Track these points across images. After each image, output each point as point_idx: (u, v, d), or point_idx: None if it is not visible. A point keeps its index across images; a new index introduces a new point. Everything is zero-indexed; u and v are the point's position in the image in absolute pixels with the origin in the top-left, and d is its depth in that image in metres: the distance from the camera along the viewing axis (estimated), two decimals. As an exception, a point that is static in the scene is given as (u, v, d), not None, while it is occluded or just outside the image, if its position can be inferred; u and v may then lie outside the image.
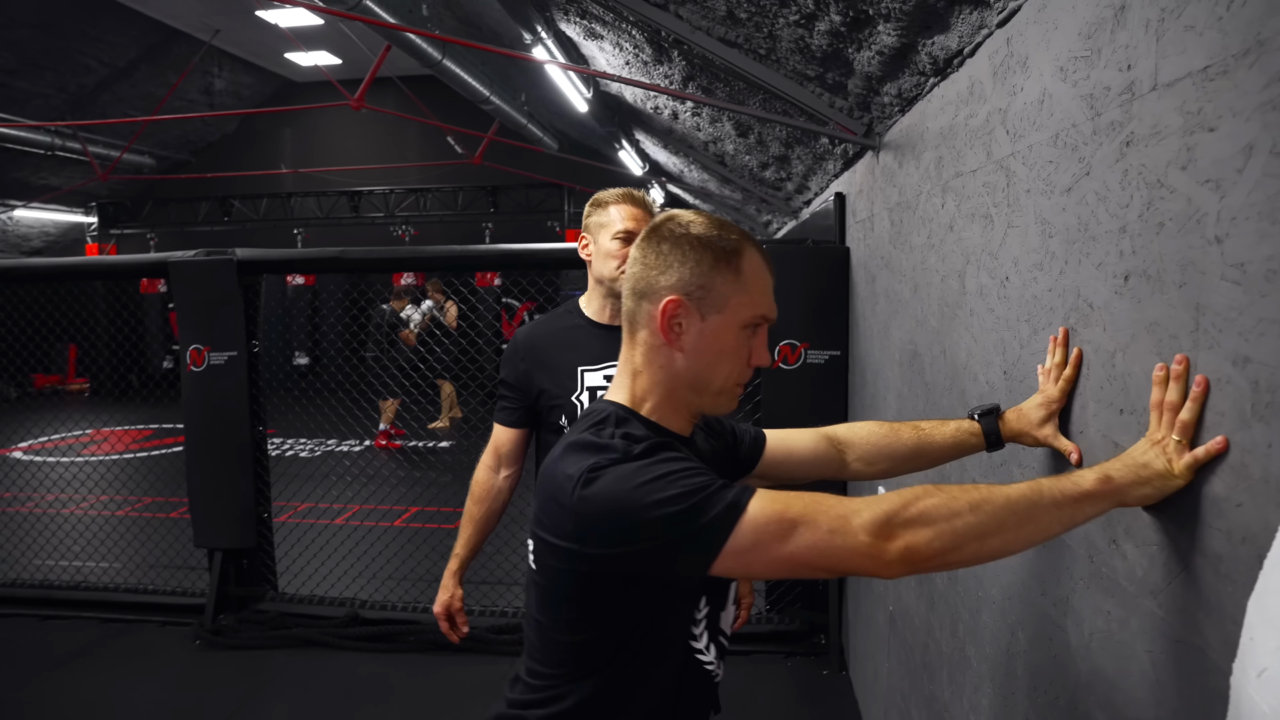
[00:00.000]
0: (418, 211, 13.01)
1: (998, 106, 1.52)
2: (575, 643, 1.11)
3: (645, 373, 1.17)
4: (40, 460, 8.25)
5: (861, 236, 3.14)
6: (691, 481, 1.00)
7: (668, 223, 1.17)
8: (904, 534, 0.95)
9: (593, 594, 1.08)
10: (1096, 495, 0.95)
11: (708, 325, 1.13)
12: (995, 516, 0.95)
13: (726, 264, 1.12)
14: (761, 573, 1.03)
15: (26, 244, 13.11)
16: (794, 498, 1.00)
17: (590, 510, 1.01)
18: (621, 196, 2.12)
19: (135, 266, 4.12)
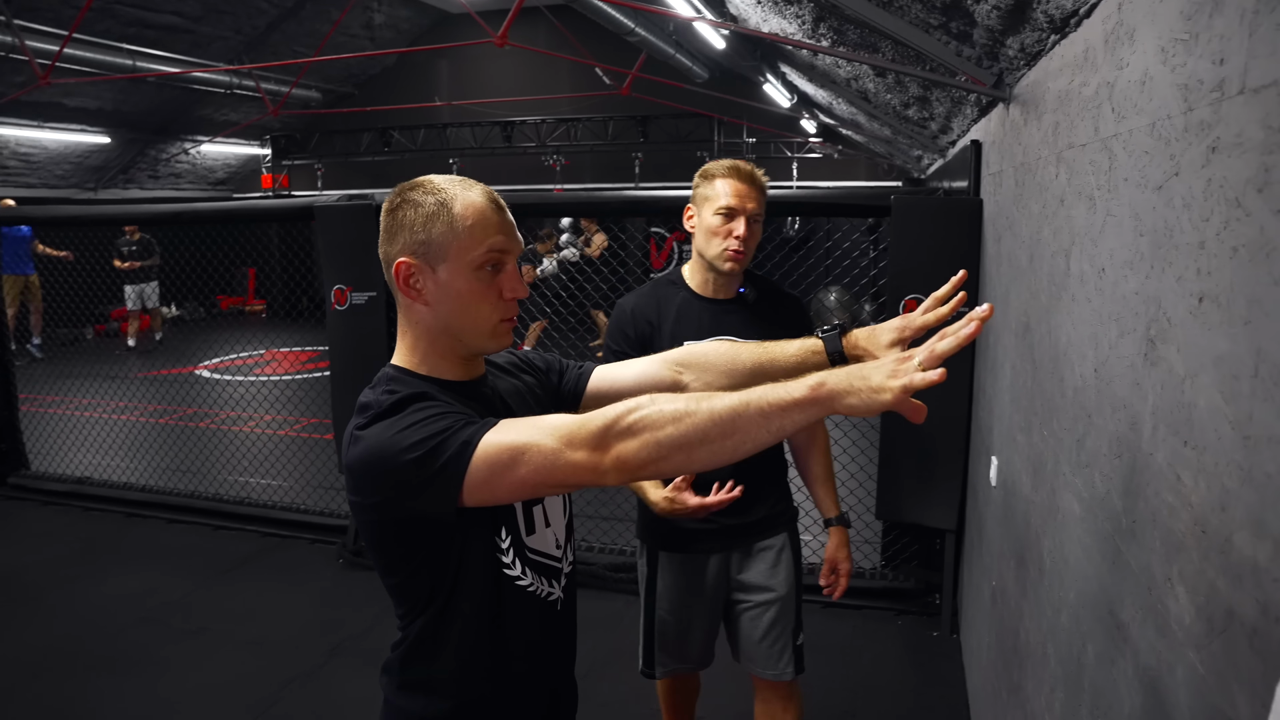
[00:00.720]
0: (568, 141, 13.15)
1: (1106, 80, 1.39)
2: (395, 585, 1.22)
3: (408, 331, 1.24)
4: (220, 378, 9.06)
5: (992, 191, 2.96)
6: (434, 426, 1.08)
7: (396, 194, 1.22)
8: (615, 445, 1.03)
9: (387, 540, 1.18)
10: (806, 402, 0.99)
11: (440, 276, 1.19)
12: (698, 428, 1.01)
13: (438, 216, 1.18)
14: (508, 497, 1.13)
15: (212, 175, 14.17)
16: (524, 424, 1.08)
17: (356, 465, 1.13)
18: (728, 170, 2.04)
19: (286, 211, 4.40)
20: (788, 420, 1.00)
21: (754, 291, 2.15)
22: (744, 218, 2.01)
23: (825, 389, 0.98)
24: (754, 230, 2.04)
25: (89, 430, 5.72)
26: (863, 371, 0.98)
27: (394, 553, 1.20)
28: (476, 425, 1.10)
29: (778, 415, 0.99)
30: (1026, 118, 2.22)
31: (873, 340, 1.31)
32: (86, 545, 4.48)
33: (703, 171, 2.07)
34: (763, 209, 2.06)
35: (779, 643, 2.20)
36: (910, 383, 0.92)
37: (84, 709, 3.00)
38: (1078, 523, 1.45)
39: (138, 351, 10.36)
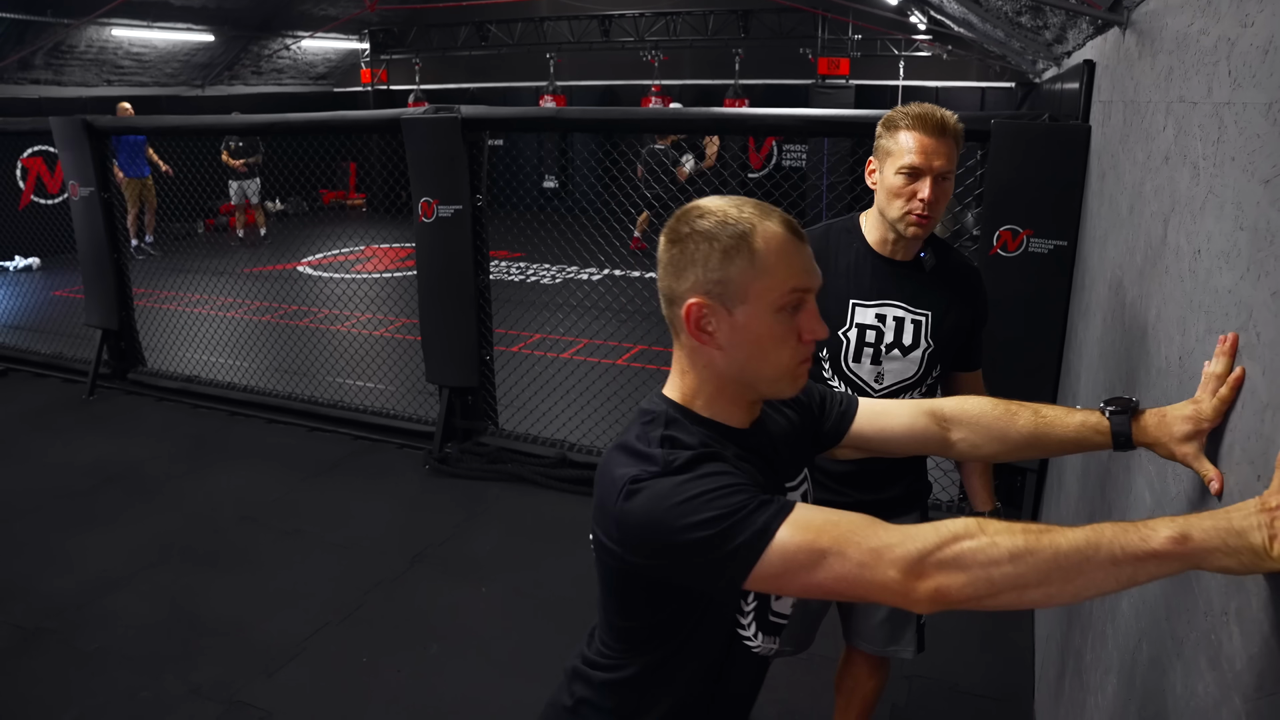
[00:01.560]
0: (667, 36, 12.75)
1: (1227, 34, 1.24)
2: (625, 627, 1.17)
3: (691, 372, 1.15)
4: (320, 275, 9.38)
5: (1101, 120, 2.75)
6: (726, 503, 0.99)
7: (679, 222, 1.11)
8: (936, 575, 0.91)
9: (638, 591, 1.12)
10: (1165, 556, 0.84)
11: (737, 319, 1.08)
12: (1038, 569, 0.88)
13: (737, 252, 1.07)
14: (793, 594, 1.05)
15: (313, 70, 14.33)
16: (828, 524, 0.97)
17: (629, 523, 1.03)
18: (914, 120, 1.76)
19: (374, 122, 4.43)
20: (1141, 572, 0.87)
21: (934, 257, 1.92)
22: (930, 177, 1.76)
23: (1191, 545, 0.84)
24: (943, 189, 1.79)
25: (198, 326, 6.04)
26: (1234, 526, 0.83)
27: (636, 606, 1.16)
28: (773, 509, 0.99)
29: (1130, 565, 0.86)
30: (1141, 51, 2.03)
31: (1164, 430, 1.12)
32: (195, 442, 4.79)
33: (886, 120, 1.82)
34: (955, 163, 1.79)
35: (900, 624, 2.13)
36: None
37: (190, 601, 3.26)
38: (1149, 513, 1.38)
39: (245, 244, 10.79)
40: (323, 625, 3.12)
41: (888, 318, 1.91)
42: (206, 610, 3.20)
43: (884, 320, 1.91)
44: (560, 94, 13.28)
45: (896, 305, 1.91)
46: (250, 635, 3.05)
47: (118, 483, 4.26)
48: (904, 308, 1.91)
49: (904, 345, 1.91)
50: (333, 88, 15.10)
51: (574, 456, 4.28)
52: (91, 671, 2.84)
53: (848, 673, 2.26)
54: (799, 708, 2.66)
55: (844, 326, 1.91)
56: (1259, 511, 0.82)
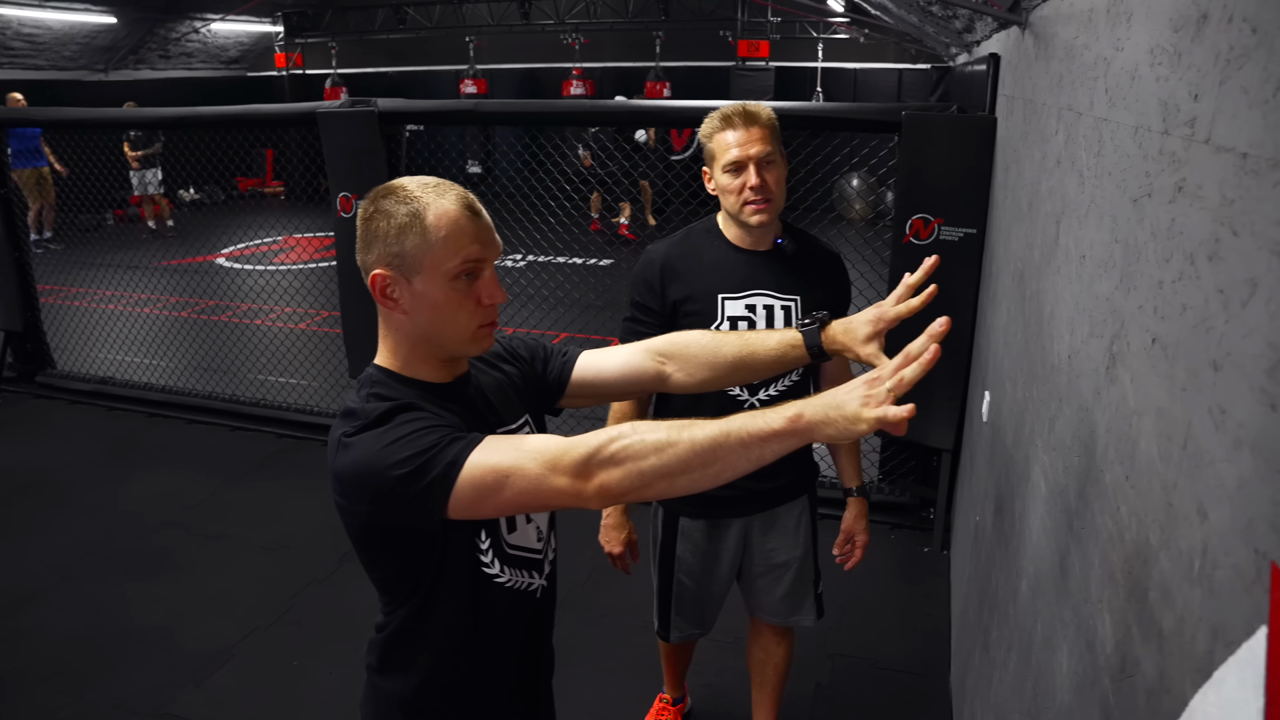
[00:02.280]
0: (588, 19, 12.68)
1: (1103, 55, 1.32)
2: (379, 579, 1.27)
3: (388, 335, 1.25)
4: (238, 267, 9.12)
5: (1006, 114, 2.85)
6: (420, 443, 1.11)
7: (369, 200, 1.21)
8: (599, 474, 1.06)
9: (371, 543, 1.22)
10: (784, 433, 1.02)
11: (415, 287, 1.18)
12: (680, 458, 1.04)
13: (410, 228, 1.16)
14: (492, 516, 1.18)
15: (225, 54, 13.85)
16: (509, 446, 1.10)
17: (343, 474, 1.15)
18: (722, 121, 1.90)
19: (289, 116, 4.33)
20: (767, 450, 1.04)
21: (793, 243, 2.02)
22: (753, 165, 1.88)
23: (803, 421, 1.02)
24: (771, 172, 1.90)
25: (110, 324, 5.83)
26: (836, 400, 1.01)
27: (378, 553, 1.24)
28: (463, 442, 1.11)
29: (757, 445, 1.03)
30: (1038, 53, 2.12)
31: (850, 334, 1.33)
32: (112, 446, 4.64)
33: (701, 133, 1.95)
34: (774, 145, 1.91)
35: (799, 596, 2.25)
36: (884, 416, 0.95)
37: (113, 612, 3.18)
38: (1042, 501, 1.47)
39: (158, 235, 10.42)
40: (252, 630, 3.08)
41: (757, 307, 1.99)
42: (130, 620, 3.13)
43: (754, 310, 1.99)
44: (481, 78, 13.11)
45: (764, 294, 1.99)
46: (178, 644, 3.00)
47: (29, 492, 4.11)
48: (772, 295, 2.00)
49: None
50: (246, 72, 14.63)
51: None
52: (7, 693, 2.76)
53: (757, 644, 2.38)
54: (727, 689, 2.75)
55: (716, 321, 1.99)
56: (862, 384, 1.00)
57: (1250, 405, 0.64)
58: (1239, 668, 0.61)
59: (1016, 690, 1.52)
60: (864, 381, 1.02)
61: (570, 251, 9.47)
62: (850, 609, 3.15)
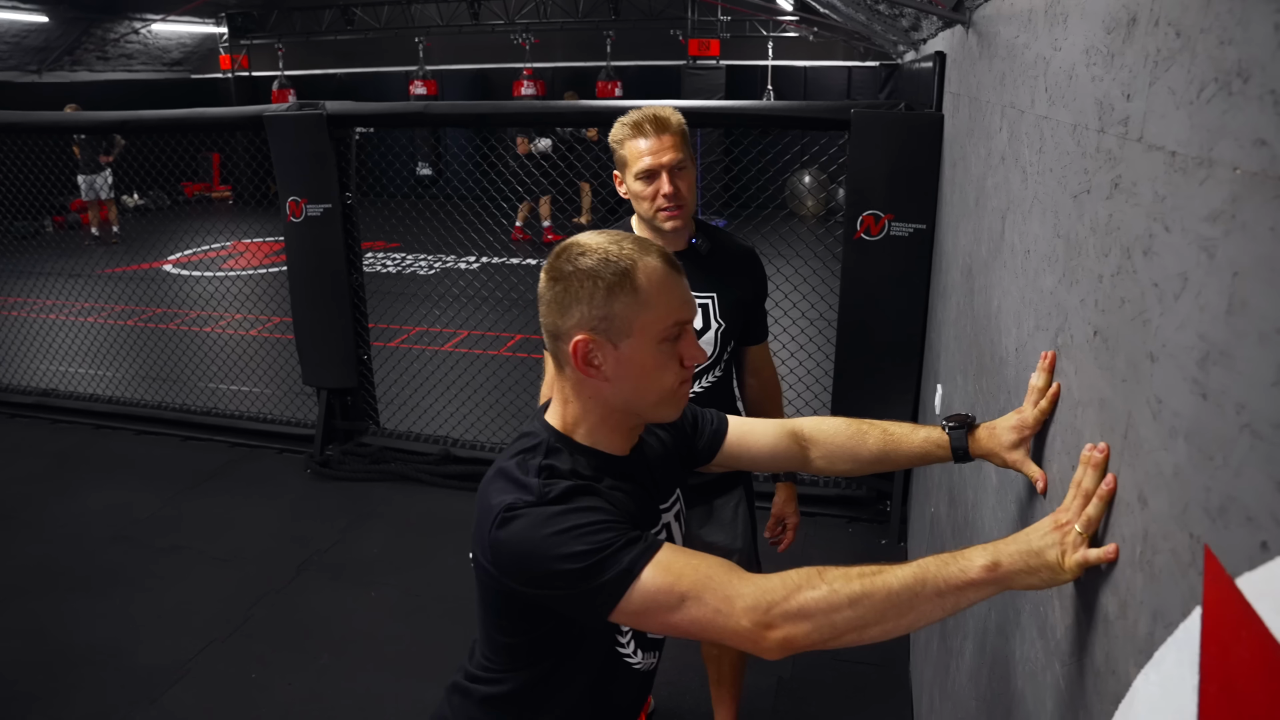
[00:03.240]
0: (538, 19, 12.63)
1: (1042, 54, 1.36)
2: (506, 643, 1.21)
3: (575, 402, 1.19)
4: (186, 274, 8.94)
5: (952, 111, 2.91)
6: (596, 539, 1.04)
7: (559, 259, 1.15)
8: (783, 626, 0.99)
9: (512, 613, 1.17)
10: (981, 583, 0.96)
11: (622, 353, 1.13)
12: (875, 610, 0.97)
13: (620, 288, 1.11)
14: (654, 631, 1.11)
15: (167, 55, 13.55)
16: (688, 568, 1.04)
17: (503, 550, 1.08)
18: (632, 129, 1.92)
19: (236, 120, 4.26)
20: (963, 599, 0.98)
21: (707, 243, 2.06)
22: (664, 173, 1.91)
23: (1001, 571, 0.95)
24: (683, 178, 1.94)
25: (53, 335, 5.68)
26: (1032, 547, 0.93)
27: (515, 624, 1.19)
28: (639, 548, 1.05)
29: (953, 595, 0.98)
30: (981, 51, 2.16)
31: (995, 440, 1.23)
32: (57, 460, 4.53)
33: (611, 138, 1.97)
34: (685, 151, 1.94)
35: None
36: (1088, 562, 0.87)
37: (61, 630, 3.10)
38: (994, 492, 1.50)
39: (101, 243, 10.16)
40: (208, 643, 3.03)
41: None
42: (79, 639, 3.05)
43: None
44: (431, 79, 13.00)
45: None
46: (130, 661, 2.94)
47: (-30, 509, 3.99)
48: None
49: (696, 329, 2.03)
50: (190, 74, 14.33)
51: (458, 452, 4.26)
52: (-47, 715, 2.69)
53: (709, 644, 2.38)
54: (689, 686, 2.76)
55: None
56: (1052, 530, 0.92)
57: (1184, 395, 0.66)
58: (1177, 647, 0.63)
59: (973, 678, 1.55)
60: (1054, 527, 0.93)
61: (524, 253, 9.44)
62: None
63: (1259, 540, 0.52)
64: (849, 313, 3.50)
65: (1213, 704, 0.56)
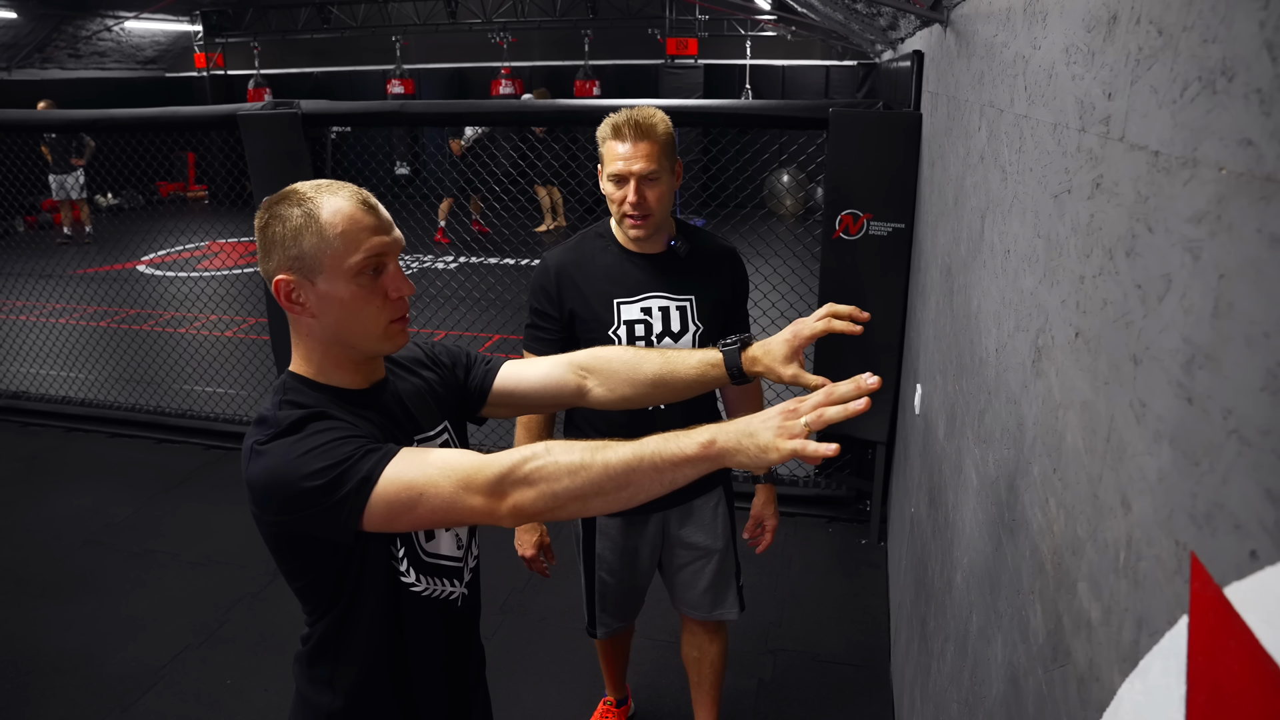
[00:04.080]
0: (516, 18, 12.57)
1: (1021, 53, 1.35)
2: (298, 589, 1.25)
3: (299, 340, 1.23)
4: (161, 274, 8.83)
5: (930, 110, 2.91)
6: (334, 453, 1.09)
7: (264, 207, 1.19)
8: (512, 494, 1.07)
9: (287, 553, 1.20)
10: (697, 459, 1.03)
11: (319, 288, 1.16)
12: (593, 481, 1.05)
13: (306, 228, 1.14)
14: (406, 529, 1.16)
15: (140, 54, 13.37)
16: (424, 463, 1.09)
17: (255, 483, 1.13)
18: (611, 130, 1.88)
19: (209, 119, 4.19)
20: (679, 474, 1.05)
21: (686, 244, 2.03)
22: (634, 181, 1.88)
23: (715, 447, 1.03)
24: (654, 189, 1.91)
25: (23, 336, 5.58)
26: (751, 428, 1.02)
27: (294, 563, 1.23)
28: (377, 455, 1.10)
29: (669, 469, 1.04)
30: (960, 50, 2.16)
31: (770, 356, 1.33)
32: (27, 464, 4.45)
33: (597, 132, 1.93)
34: (662, 161, 1.90)
35: (721, 589, 2.27)
36: (801, 450, 0.96)
37: (30, 637, 3.04)
38: (974, 493, 1.50)
39: (74, 243, 10.02)
40: (182, 649, 2.98)
41: (653, 309, 2.01)
42: (48, 646, 3.00)
43: (649, 312, 2.01)
44: (408, 78, 12.91)
45: (659, 296, 2.01)
46: (100, 668, 2.88)
47: (-63, 515, 3.91)
48: (667, 297, 2.02)
49: (674, 332, 2.03)
50: (164, 73, 14.15)
51: (442, 454, 4.21)
52: (-82, 727, 2.63)
53: (690, 643, 2.38)
54: (669, 689, 2.75)
55: (613, 326, 2.00)
56: (778, 414, 1.01)
57: (1168, 399, 0.65)
58: (1163, 656, 0.62)
59: (954, 680, 1.55)
60: (780, 411, 1.03)
61: (501, 252, 9.39)
62: (790, 603, 3.18)
63: (1248, 549, 0.50)
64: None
65: (1201, 714, 0.55)
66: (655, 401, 1.45)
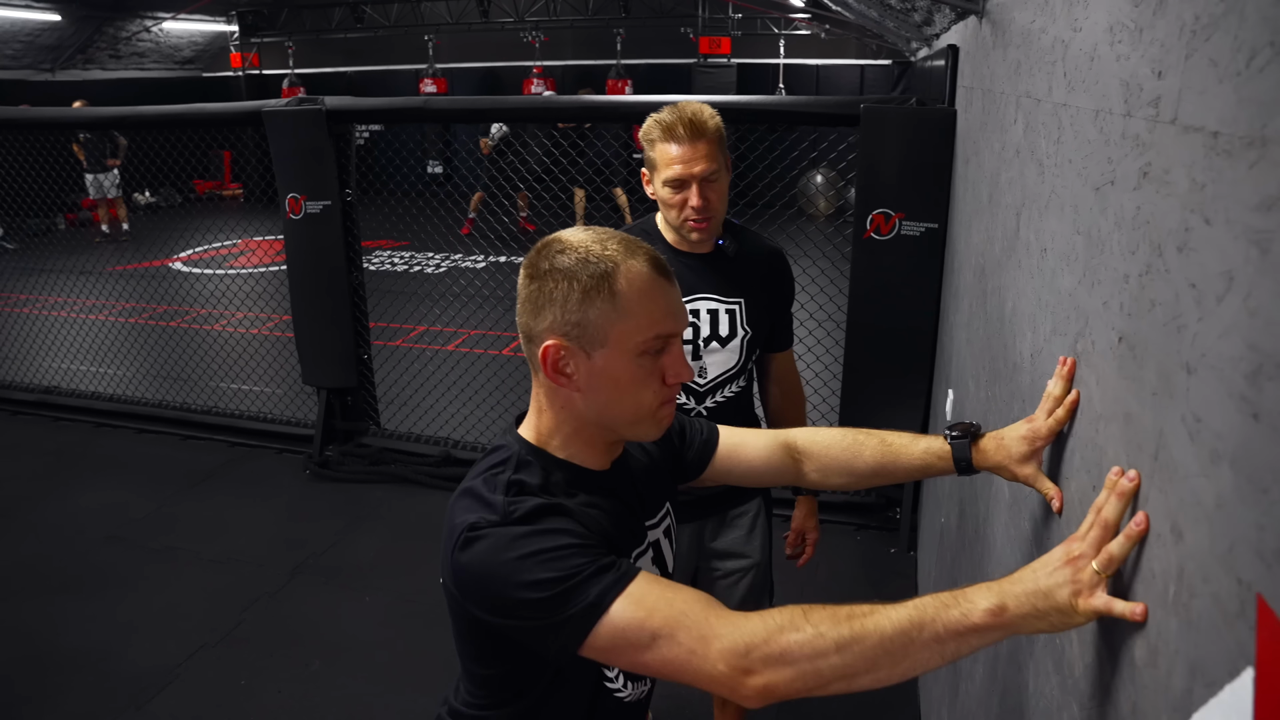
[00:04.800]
0: (548, 17, 12.55)
1: (1060, 37, 1.26)
2: (484, 675, 1.12)
3: (549, 411, 1.10)
4: (193, 271, 8.91)
5: (965, 106, 2.80)
6: (563, 565, 0.95)
7: (538, 256, 1.06)
8: (764, 671, 0.88)
9: (486, 639, 1.07)
10: (985, 629, 0.85)
11: (596, 363, 1.03)
12: (864, 657, 0.87)
13: (598, 293, 1.01)
14: (625, 668, 1.03)
15: (178, 54, 13.55)
16: (662, 602, 0.93)
17: (465, 574, 1.00)
18: (665, 131, 1.75)
19: (234, 116, 4.19)
20: (964, 646, 0.86)
21: (734, 244, 1.92)
22: (695, 184, 1.77)
23: (1008, 615, 0.84)
24: (714, 189, 1.80)
25: (58, 332, 5.64)
26: (1040, 587, 0.83)
27: (486, 653, 1.10)
28: (610, 578, 0.95)
29: (953, 641, 0.86)
30: (995, 41, 2.06)
31: (1004, 452, 1.13)
32: (55, 458, 4.48)
33: (643, 132, 1.81)
34: (717, 160, 1.79)
35: (754, 606, 2.13)
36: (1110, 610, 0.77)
37: (49, 632, 3.04)
38: (1006, 508, 1.41)
39: (110, 240, 10.16)
40: (198, 648, 2.96)
41: (701, 312, 1.92)
42: (67, 642, 2.99)
43: (698, 315, 1.92)
44: (440, 77, 12.94)
45: (708, 298, 1.92)
46: (118, 665, 2.87)
47: (-35, 508, 3.95)
48: (715, 299, 1.92)
49: (721, 336, 1.93)
50: (201, 72, 14.33)
51: (458, 454, 4.18)
52: (-67, 722, 2.62)
53: None
54: (689, 698, 2.67)
55: None
56: (1064, 564, 0.82)
57: (1229, 414, 0.57)
58: (1222, 712, 0.54)
59: (983, 703, 1.46)
60: (1065, 562, 0.82)
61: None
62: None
63: (1331, 598, 0.42)
64: (858, 314, 3.39)
65: (1268, 788, 0.47)
66: (873, 486, 1.35)
